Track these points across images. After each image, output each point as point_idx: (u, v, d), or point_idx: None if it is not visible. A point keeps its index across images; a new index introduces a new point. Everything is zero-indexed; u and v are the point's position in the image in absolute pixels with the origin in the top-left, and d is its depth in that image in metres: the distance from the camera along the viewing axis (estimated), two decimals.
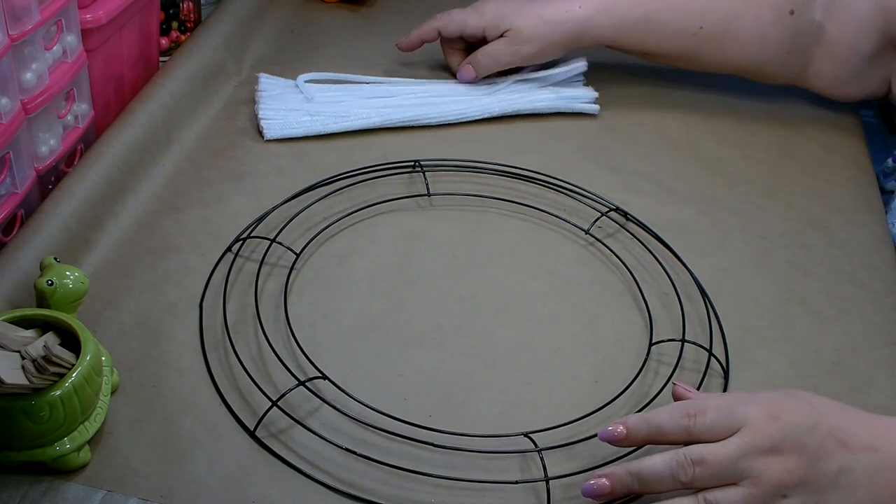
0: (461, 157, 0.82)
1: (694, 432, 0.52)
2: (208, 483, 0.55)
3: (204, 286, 0.67)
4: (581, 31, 0.85)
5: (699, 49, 0.85)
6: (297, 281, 0.69)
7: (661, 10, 0.83)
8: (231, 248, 0.70)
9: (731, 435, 0.51)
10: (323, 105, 0.85)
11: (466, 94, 0.89)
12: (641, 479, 0.52)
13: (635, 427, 0.54)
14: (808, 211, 0.82)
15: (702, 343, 0.67)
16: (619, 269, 0.73)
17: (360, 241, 0.73)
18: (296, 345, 0.63)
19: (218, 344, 0.63)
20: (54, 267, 0.57)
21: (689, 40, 0.84)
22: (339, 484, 0.56)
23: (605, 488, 0.53)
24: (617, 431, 0.54)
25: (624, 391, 0.63)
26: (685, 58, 0.88)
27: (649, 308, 0.69)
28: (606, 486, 0.53)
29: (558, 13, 0.85)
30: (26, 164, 0.67)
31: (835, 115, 0.95)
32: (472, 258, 0.73)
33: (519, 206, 0.78)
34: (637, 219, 0.78)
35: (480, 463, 0.58)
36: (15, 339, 0.52)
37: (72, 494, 0.53)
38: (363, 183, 0.79)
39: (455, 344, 0.66)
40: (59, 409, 0.51)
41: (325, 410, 0.59)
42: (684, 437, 0.52)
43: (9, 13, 0.61)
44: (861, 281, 0.75)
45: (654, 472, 0.52)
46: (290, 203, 0.74)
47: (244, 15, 0.94)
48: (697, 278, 0.72)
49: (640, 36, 0.85)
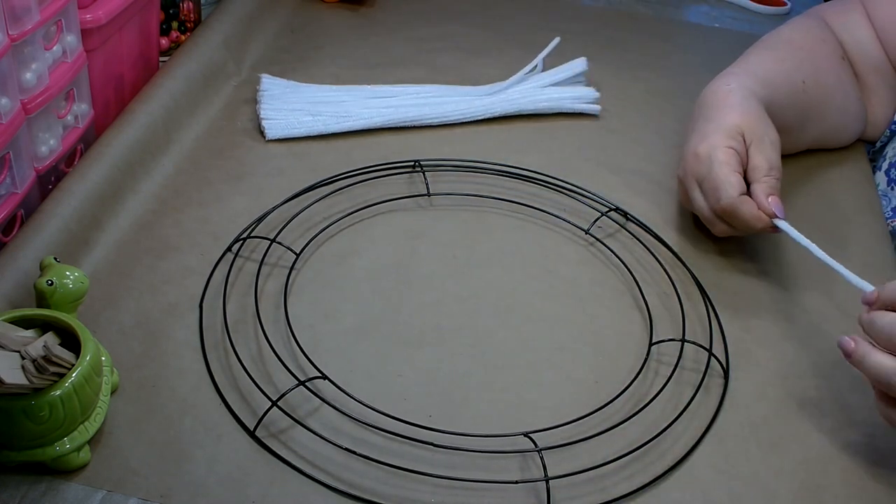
0: (461, 158, 0.82)
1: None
2: (208, 483, 0.55)
3: (204, 286, 0.67)
4: (754, 94, 0.76)
5: (809, 109, 0.83)
6: (297, 281, 0.69)
7: (772, 73, 0.80)
8: (231, 248, 0.70)
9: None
10: (324, 105, 0.85)
11: (467, 95, 0.89)
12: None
13: (890, 292, 0.58)
14: (808, 211, 0.82)
15: (702, 343, 0.67)
16: (619, 269, 0.73)
17: (360, 241, 0.73)
18: (296, 345, 0.63)
19: (218, 344, 0.63)
20: (54, 267, 0.57)
21: (800, 98, 0.82)
22: (339, 484, 0.56)
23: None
24: (873, 295, 0.59)
25: (624, 391, 0.63)
26: (799, 124, 0.84)
27: (649, 308, 0.69)
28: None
29: (732, 95, 0.75)
30: (26, 164, 0.67)
31: None
32: (472, 258, 0.73)
33: (519, 206, 0.78)
34: (637, 219, 0.78)
35: (480, 463, 0.58)
36: (15, 339, 0.52)
37: (72, 494, 0.53)
38: (363, 183, 0.79)
39: (455, 344, 0.66)
40: (59, 409, 0.51)
41: (325, 410, 0.59)
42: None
43: (9, 13, 0.61)
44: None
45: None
46: (289, 203, 0.74)
47: (244, 15, 0.94)
48: (697, 278, 0.72)
49: (775, 98, 0.79)
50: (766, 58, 0.82)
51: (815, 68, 0.83)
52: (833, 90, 0.85)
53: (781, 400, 0.65)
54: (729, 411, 0.63)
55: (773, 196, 0.70)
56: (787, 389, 0.66)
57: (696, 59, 1.04)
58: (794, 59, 0.83)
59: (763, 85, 0.78)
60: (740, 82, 0.77)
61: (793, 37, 0.85)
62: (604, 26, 1.08)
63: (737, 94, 0.75)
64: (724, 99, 0.75)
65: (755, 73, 0.79)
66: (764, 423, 0.63)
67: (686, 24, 1.13)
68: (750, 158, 0.72)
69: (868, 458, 0.61)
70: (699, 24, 1.13)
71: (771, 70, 0.80)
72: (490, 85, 0.91)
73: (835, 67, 0.86)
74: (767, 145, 0.72)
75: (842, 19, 0.89)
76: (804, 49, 0.84)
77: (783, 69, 0.81)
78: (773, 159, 0.72)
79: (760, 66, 0.81)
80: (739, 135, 0.72)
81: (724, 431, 0.62)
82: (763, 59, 0.82)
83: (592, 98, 0.91)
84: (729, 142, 0.71)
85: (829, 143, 0.90)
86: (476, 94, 0.90)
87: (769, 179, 0.71)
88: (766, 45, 0.85)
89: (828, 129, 0.87)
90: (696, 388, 0.64)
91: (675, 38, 1.08)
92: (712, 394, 0.65)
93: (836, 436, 0.63)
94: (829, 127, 0.87)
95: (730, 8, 1.18)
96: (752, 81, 0.77)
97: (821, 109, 0.85)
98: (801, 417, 0.64)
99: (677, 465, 0.59)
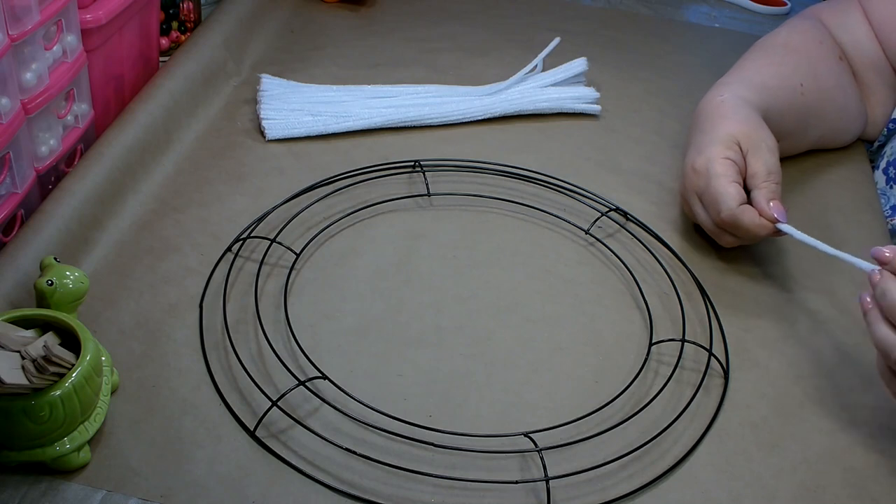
0: (461, 158, 0.82)
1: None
2: (208, 483, 0.55)
3: (204, 286, 0.67)
4: (748, 103, 0.76)
5: (808, 111, 0.83)
6: (298, 281, 0.69)
7: (769, 78, 0.80)
8: (231, 248, 0.70)
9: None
10: (324, 105, 0.85)
11: (467, 95, 0.89)
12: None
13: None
14: (808, 211, 0.82)
15: (702, 343, 0.67)
16: (619, 268, 0.73)
17: (361, 241, 0.73)
18: (296, 345, 0.63)
19: (218, 344, 0.63)
20: (54, 267, 0.57)
21: (799, 101, 0.81)
22: (340, 484, 0.56)
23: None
24: (886, 254, 0.59)
25: (624, 391, 0.63)
26: (798, 128, 0.83)
27: (649, 308, 0.69)
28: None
29: (725, 106, 0.75)
30: (26, 164, 0.67)
31: None
32: (472, 258, 0.73)
33: (519, 206, 0.78)
34: (637, 219, 0.78)
35: (480, 463, 0.58)
36: (15, 339, 0.52)
37: (72, 494, 0.53)
38: (363, 183, 0.79)
39: (455, 344, 0.66)
40: (59, 409, 0.51)
41: (326, 410, 0.59)
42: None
43: (9, 13, 0.61)
44: (861, 280, 0.75)
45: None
46: (290, 203, 0.74)
47: (244, 15, 0.94)
48: (698, 278, 0.72)
49: (772, 103, 0.78)
50: (762, 63, 0.82)
51: (813, 71, 0.83)
52: (832, 92, 0.85)
53: (781, 400, 0.65)
54: (729, 411, 0.63)
55: (775, 201, 0.70)
56: (787, 389, 0.66)
57: (696, 60, 1.04)
58: (791, 63, 0.83)
59: (758, 91, 0.78)
60: (733, 91, 0.77)
61: (789, 40, 0.85)
62: (604, 26, 1.08)
63: (729, 104, 0.75)
64: (716, 109, 0.75)
65: (750, 79, 0.79)
66: (764, 423, 0.63)
67: (686, 24, 1.13)
68: (748, 166, 0.72)
69: (868, 458, 0.61)
70: (699, 24, 1.13)
71: (767, 76, 0.80)
72: (490, 85, 0.91)
73: (833, 69, 0.85)
74: (765, 151, 0.72)
75: (839, 19, 0.89)
76: (801, 52, 0.84)
77: (779, 73, 0.81)
78: (771, 164, 0.72)
79: (756, 72, 0.81)
80: (735, 144, 0.72)
81: (724, 431, 0.62)
82: (759, 65, 0.82)
83: (592, 98, 0.91)
84: (725, 152, 0.71)
85: (830, 144, 0.89)
86: (476, 94, 0.90)
87: (769, 185, 0.71)
88: (762, 49, 0.84)
89: (828, 130, 0.87)
90: (696, 388, 0.64)
91: (675, 38, 1.08)
92: (712, 394, 0.65)
93: (836, 436, 0.63)
94: (830, 128, 0.87)
95: (730, 8, 1.18)
96: (746, 89, 0.77)
97: (820, 112, 0.84)
98: (801, 417, 0.64)
99: (677, 465, 0.59)
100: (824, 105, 0.84)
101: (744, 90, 0.77)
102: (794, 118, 0.82)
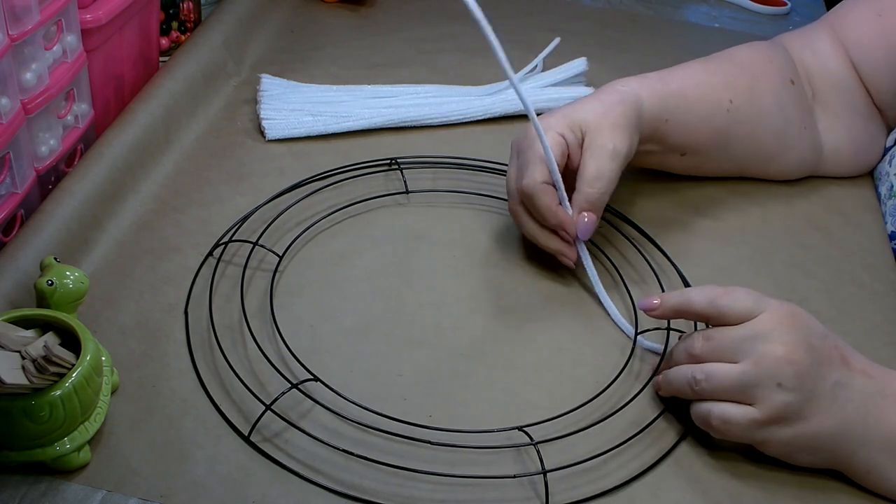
0: (461, 157, 0.82)
1: (719, 304, 0.58)
2: (208, 483, 0.55)
3: (188, 291, 0.67)
4: (637, 104, 0.72)
5: (731, 129, 0.78)
6: (285, 282, 0.69)
7: (691, 87, 0.76)
8: (213, 252, 0.70)
9: (751, 317, 0.57)
10: (324, 105, 0.85)
11: (467, 95, 0.89)
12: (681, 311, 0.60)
13: (668, 297, 0.61)
14: (808, 211, 0.82)
15: (685, 332, 0.67)
16: (610, 269, 0.73)
17: (360, 240, 0.73)
18: (286, 348, 0.63)
19: (206, 350, 0.63)
20: (54, 267, 0.57)
21: (722, 118, 0.77)
22: (338, 485, 0.55)
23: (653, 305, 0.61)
24: (653, 302, 0.61)
25: (614, 381, 0.64)
26: (718, 144, 0.79)
27: (634, 306, 0.70)
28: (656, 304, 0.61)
29: (610, 94, 0.72)
30: (26, 164, 0.67)
31: None
32: (471, 258, 0.73)
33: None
34: (631, 220, 0.78)
35: (478, 459, 0.58)
36: (15, 339, 0.52)
37: (72, 494, 0.53)
38: (349, 181, 0.78)
39: (454, 344, 0.66)
40: (59, 409, 0.51)
41: (321, 412, 0.59)
42: (710, 311, 0.58)
43: (9, 13, 0.61)
44: (861, 281, 0.75)
45: (674, 356, 0.61)
46: (275, 201, 0.74)
47: (244, 15, 0.94)
48: (687, 280, 0.72)
49: (681, 113, 0.75)
50: (693, 71, 0.78)
51: (750, 88, 0.79)
52: (768, 112, 0.80)
53: None
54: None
55: (590, 213, 0.68)
56: None
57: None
58: (727, 76, 0.78)
59: (663, 97, 0.74)
60: (635, 87, 0.73)
61: (737, 53, 0.81)
62: (604, 26, 1.08)
63: (617, 95, 0.71)
64: (599, 94, 0.72)
65: (666, 84, 0.75)
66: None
67: (686, 24, 1.13)
68: (582, 162, 0.68)
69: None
70: (699, 24, 1.13)
71: (689, 84, 0.76)
72: (490, 85, 0.91)
73: (775, 88, 0.80)
74: (604, 154, 0.68)
75: (804, 40, 0.84)
76: (744, 67, 0.80)
77: (707, 84, 0.77)
78: (604, 170, 0.67)
79: (679, 78, 0.76)
80: (580, 130, 0.69)
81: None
82: (688, 72, 0.78)
83: None
84: (564, 130, 0.68)
85: (763, 171, 0.84)
86: (476, 94, 0.90)
87: (590, 191, 0.67)
88: (706, 59, 0.80)
89: (762, 153, 0.82)
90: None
91: (675, 38, 1.08)
92: None
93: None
94: (764, 151, 0.81)
95: (730, 8, 1.18)
96: (651, 91, 0.73)
97: (751, 132, 0.79)
98: None
99: (670, 452, 0.60)
100: (756, 125, 0.79)
101: (647, 91, 0.73)
102: (711, 133, 0.77)
